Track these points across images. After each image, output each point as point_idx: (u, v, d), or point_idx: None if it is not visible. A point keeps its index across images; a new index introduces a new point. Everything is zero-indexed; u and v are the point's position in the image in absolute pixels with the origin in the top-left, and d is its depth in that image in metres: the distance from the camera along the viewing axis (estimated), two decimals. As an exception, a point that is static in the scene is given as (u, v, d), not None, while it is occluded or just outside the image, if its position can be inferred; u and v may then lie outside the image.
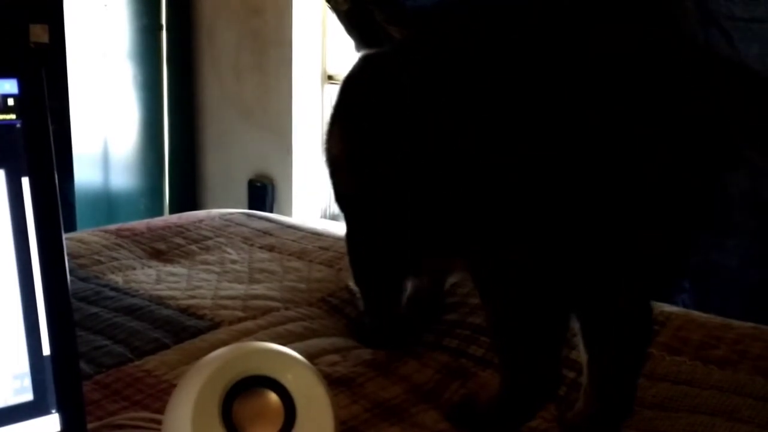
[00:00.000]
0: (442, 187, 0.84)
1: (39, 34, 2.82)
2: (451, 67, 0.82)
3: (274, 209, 3.71)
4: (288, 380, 0.68)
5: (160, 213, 3.50)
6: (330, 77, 3.45)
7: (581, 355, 0.86)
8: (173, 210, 3.54)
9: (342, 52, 3.38)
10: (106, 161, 3.25)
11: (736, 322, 1.12)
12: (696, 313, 1.15)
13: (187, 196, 3.71)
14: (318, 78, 3.47)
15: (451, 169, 0.82)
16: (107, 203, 3.26)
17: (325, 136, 1.02)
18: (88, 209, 3.07)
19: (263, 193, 3.62)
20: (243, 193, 3.70)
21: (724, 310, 1.79)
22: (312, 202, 3.59)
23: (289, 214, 3.55)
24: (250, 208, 3.52)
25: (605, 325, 0.82)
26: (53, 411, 0.66)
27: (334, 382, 0.93)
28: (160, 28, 3.21)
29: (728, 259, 1.86)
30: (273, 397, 0.68)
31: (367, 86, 0.95)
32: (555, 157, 0.74)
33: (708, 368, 0.97)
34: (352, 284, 1.10)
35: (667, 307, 1.14)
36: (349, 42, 2.06)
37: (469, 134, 0.79)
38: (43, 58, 2.76)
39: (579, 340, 0.85)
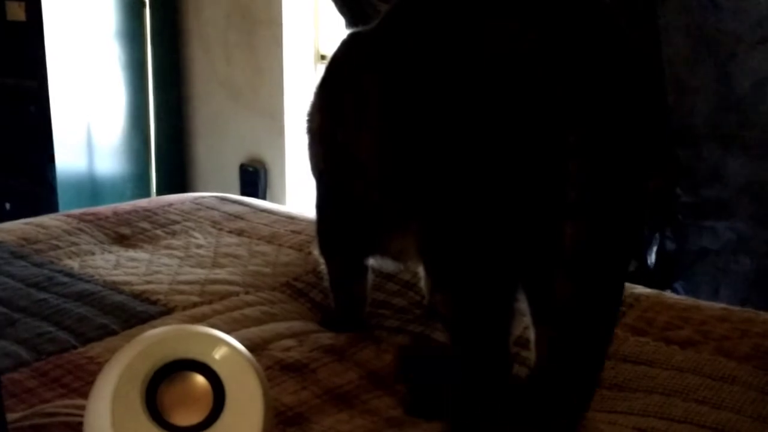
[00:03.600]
0: (397, 163, 0.85)
1: (15, 11, 2.83)
2: (408, 48, 0.84)
3: (268, 195, 3.71)
4: (216, 363, 0.69)
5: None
6: (323, 57, 3.45)
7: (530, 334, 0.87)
8: (161, 195, 3.54)
9: (334, 31, 3.38)
10: (89, 145, 3.26)
11: (706, 304, 1.13)
12: (667, 295, 1.16)
13: (176, 181, 3.72)
14: (310, 57, 3.47)
15: (404, 147, 0.83)
16: (92, 188, 3.27)
17: (308, 109, 1.09)
18: (71, 194, 3.09)
19: (255, 178, 3.62)
20: (234, 178, 3.70)
21: (715, 298, 1.80)
22: (307, 188, 3.59)
23: (282, 199, 3.55)
24: (242, 194, 3.53)
25: (546, 306, 0.82)
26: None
27: (285, 368, 0.94)
28: (144, 4, 3.21)
29: (720, 245, 1.86)
30: (201, 380, 0.69)
31: (348, 62, 0.99)
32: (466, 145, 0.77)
33: (670, 349, 0.98)
34: (316, 253, 1.12)
35: (639, 289, 1.15)
36: (340, 20, 2.06)
37: (417, 116, 0.81)
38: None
39: (528, 318, 0.86)
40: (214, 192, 1.84)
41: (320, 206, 1.10)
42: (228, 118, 3.67)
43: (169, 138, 3.57)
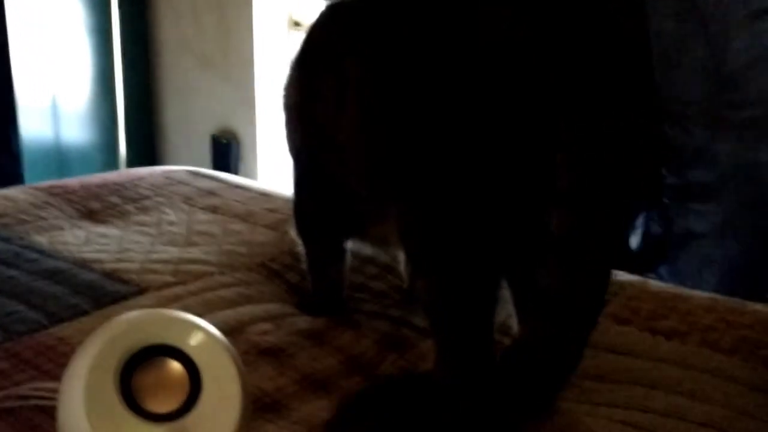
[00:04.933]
0: (378, 147, 0.85)
1: (-26, -28, 2.77)
2: (395, 28, 0.83)
3: (240, 168, 3.68)
4: (192, 349, 0.69)
5: (116, 167, 3.46)
6: (296, 23, 3.41)
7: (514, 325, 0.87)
8: (131, 165, 3.50)
9: (310, -3, 3.34)
10: (55, 112, 3.21)
11: (692, 292, 1.13)
12: (653, 283, 1.17)
13: (146, 151, 3.68)
14: (283, 24, 3.42)
15: (386, 131, 0.83)
16: (58, 157, 3.22)
17: (284, 83, 1.05)
18: (37, 163, 3.04)
19: (227, 150, 3.59)
20: (206, 149, 3.66)
21: (699, 282, 1.82)
22: (280, 161, 3.57)
23: (255, 173, 3.53)
24: (213, 166, 3.50)
25: (529, 294, 0.83)
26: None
27: (262, 353, 0.93)
28: (109, -34, 3.15)
29: (706, 228, 1.87)
30: (176, 366, 0.68)
31: (328, 39, 0.97)
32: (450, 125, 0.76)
33: (656, 339, 0.99)
34: (293, 233, 1.11)
35: (623, 276, 1.16)
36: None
37: (403, 99, 0.80)
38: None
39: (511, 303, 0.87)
40: (186, 164, 1.83)
41: (298, 186, 1.08)
42: (198, 87, 3.62)
43: (137, 106, 3.52)
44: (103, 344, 0.66)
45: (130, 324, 0.69)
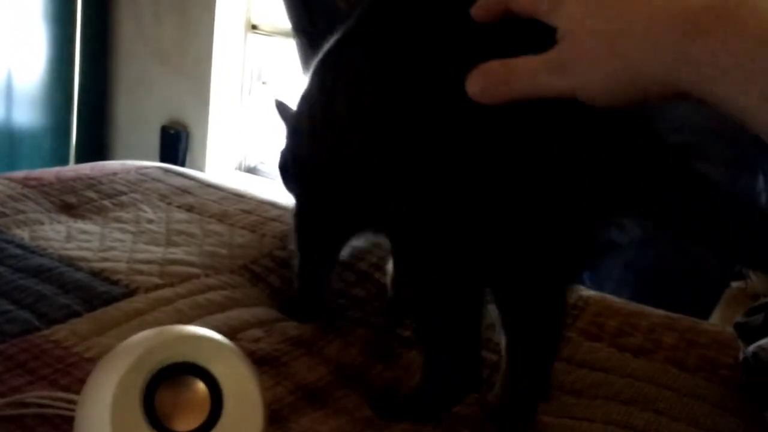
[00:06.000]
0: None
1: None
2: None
3: (187, 158, 3.59)
4: (216, 368, 0.64)
5: (66, 154, 3.33)
6: (254, 26, 3.33)
7: (500, 338, 0.85)
8: (79, 152, 3.37)
9: (267, 1, 3.26)
10: (8, 95, 3.05)
11: (649, 309, 1.14)
12: (611, 298, 1.17)
13: (96, 138, 3.54)
14: (242, 26, 3.35)
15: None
16: (7, 141, 3.07)
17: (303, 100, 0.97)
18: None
19: (176, 140, 3.48)
20: (155, 139, 3.55)
21: (618, 290, 1.86)
22: (227, 154, 3.49)
23: (202, 164, 3.44)
24: (161, 156, 3.39)
25: (517, 308, 0.82)
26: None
27: (258, 361, 0.89)
28: (74, -43, 3.02)
29: (625, 239, 1.92)
30: (199, 385, 0.64)
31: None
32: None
33: (624, 356, 0.99)
34: (293, 247, 1.05)
35: (585, 291, 1.16)
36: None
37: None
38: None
39: (497, 322, 0.85)
40: (135, 153, 1.75)
41: (302, 203, 1.03)
42: (153, 79, 3.51)
43: (92, 94, 3.39)
44: (130, 360, 0.61)
45: (155, 341, 0.64)
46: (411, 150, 0.76)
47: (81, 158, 3.19)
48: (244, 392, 0.65)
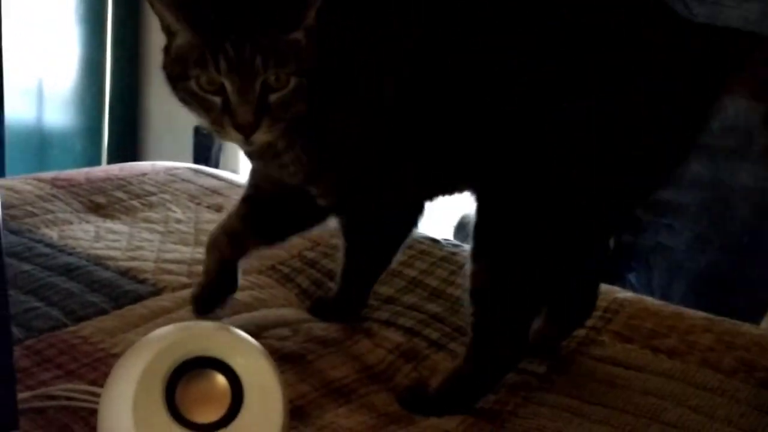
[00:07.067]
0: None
1: (-31, -45, 2.69)
2: None
3: (221, 161, 3.64)
4: (236, 362, 0.67)
5: (98, 157, 3.40)
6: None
7: None
8: (111, 154, 3.44)
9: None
10: (40, 97, 3.13)
11: (688, 311, 1.15)
12: (649, 300, 1.18)
13: (128, 140, 3.61)
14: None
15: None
16: (39, 142, 3.15)
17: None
18: (17, 148, 2.97)
19: (209, 141, 3.54)
20: (188, 140, 3.61)
21: (668, 292, 1.86)
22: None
23: (236, 165, 3.48)
24: (194, 157, 3.44)
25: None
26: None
27: (282, 359, 0.92)
28: (105, -45, 3.09)
29: (676, 241, 1.92)
30: (220, 379, 0.67)
31: None
32: None
33: (658, 357, 1.01)
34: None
35: (621, 294, 1.17)
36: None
37: None
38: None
39: None
40: (168, 154, 1.79)
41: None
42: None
43: (124, 95, 3.45)
44: (152, 354, 0.65)
45: (177, 335, 0.68)
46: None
47: (113, 160, 3.26)
48: (264, 386, 0.68)
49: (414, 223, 1.03)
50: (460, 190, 0.92)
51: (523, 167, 0.82)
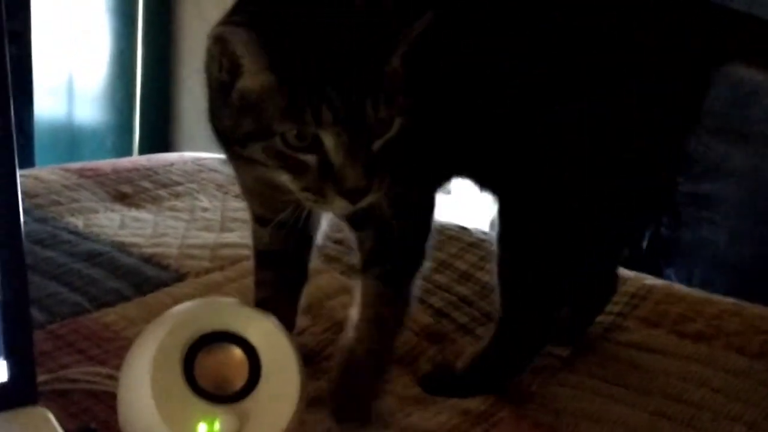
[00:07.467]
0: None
1: (1, -49, 2.74)
2: None
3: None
4: (254, 336, 0.69)
5: (129, 151, 3.44)
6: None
7: None
8: (143, 149, 3.48)
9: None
10: (70, 92, 3.18)
11: (717, 297, 1.14)
12: (678, 286, 1.18)
13: (159, 135, 3.65)
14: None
15: None
16: (70, 137, 3.20)
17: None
18: (48, 143, 3.01)
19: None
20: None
21: (709, 285, 1.84)
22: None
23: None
24: (225, 152, 3.47)
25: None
26: (0, 358, 0.65)
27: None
28: (136, -52, 3.13)
29: (718, 235, 1.90)
30: (237, 352, 0.68)
31: None
32: None
33: (682, 342, 1.01)
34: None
35: (649, 280, 1.16)
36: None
37: None
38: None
39: None
40: (199, 150, 1.81)
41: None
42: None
43: (155, 90, 3.49)
44: (170, 327, 0.66)
45: (195, 310, 0.70)
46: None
47: (144, 154, 3.30)
48: (281, 360, 0.69)
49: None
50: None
51: (535, 165, 0.82)
